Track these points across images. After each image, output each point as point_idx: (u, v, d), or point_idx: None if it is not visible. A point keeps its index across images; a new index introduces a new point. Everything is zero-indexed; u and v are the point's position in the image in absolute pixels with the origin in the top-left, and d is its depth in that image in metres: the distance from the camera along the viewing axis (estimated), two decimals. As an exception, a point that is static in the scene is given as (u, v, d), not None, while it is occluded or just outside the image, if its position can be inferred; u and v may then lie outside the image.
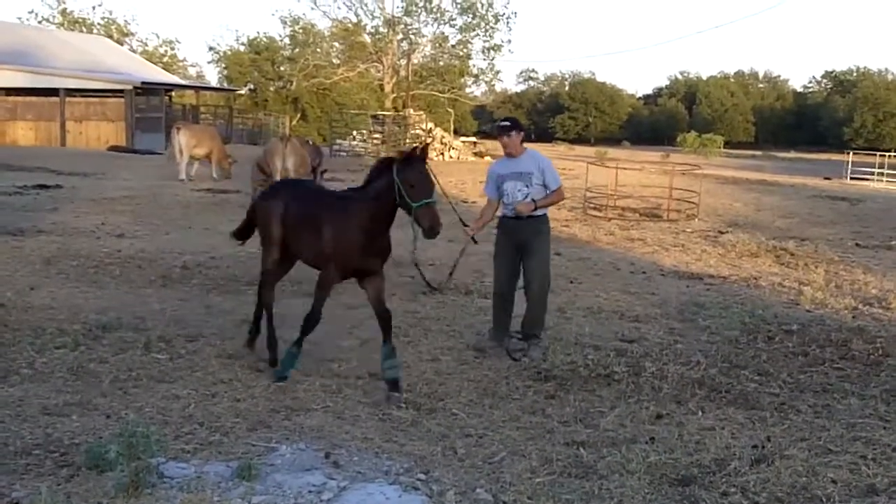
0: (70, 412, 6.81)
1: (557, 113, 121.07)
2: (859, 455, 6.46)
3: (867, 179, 46.97)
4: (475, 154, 53.23)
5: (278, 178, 21.37)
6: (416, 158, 7.36)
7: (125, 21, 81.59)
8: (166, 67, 69.68)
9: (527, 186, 9.13)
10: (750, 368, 8.81)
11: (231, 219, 19.83)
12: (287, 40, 75.20)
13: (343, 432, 6.57)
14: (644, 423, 7.08)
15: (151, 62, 65.39)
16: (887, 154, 55.94)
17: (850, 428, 7.16)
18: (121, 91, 45.62)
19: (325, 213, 7.79)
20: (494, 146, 64.21)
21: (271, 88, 75.66)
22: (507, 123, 9.41)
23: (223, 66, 78.22)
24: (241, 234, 9.33)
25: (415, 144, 8.56)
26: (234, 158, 28.67)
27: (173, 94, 56.18)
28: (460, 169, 41.60)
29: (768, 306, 11.92)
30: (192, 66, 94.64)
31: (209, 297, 11.11)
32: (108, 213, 19.40)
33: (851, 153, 56.53)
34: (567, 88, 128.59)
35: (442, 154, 49.19)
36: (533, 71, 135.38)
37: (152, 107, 47.95)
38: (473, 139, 64.45)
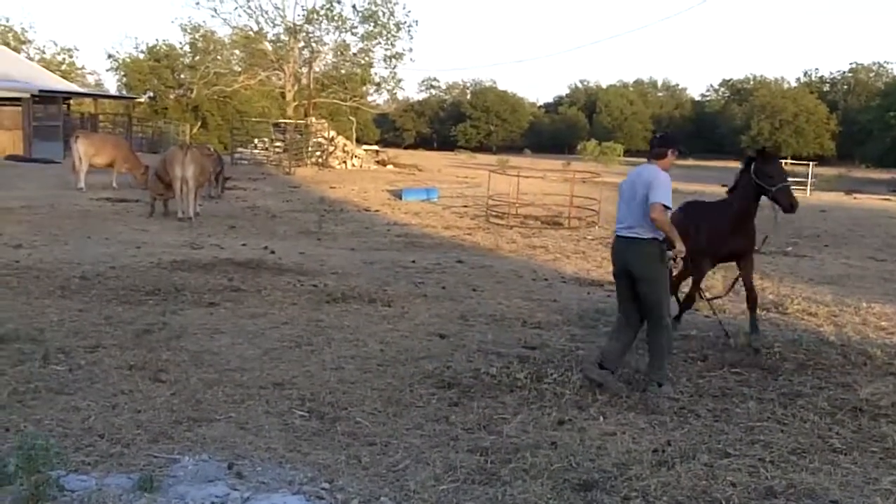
0: (-34, 426, 6.63)
1: (459, 121, 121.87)
2: (758, 458, 6.57)
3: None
4: (377, 162, 53.22)
5: (177, 186, 21.21)
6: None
7: (22, 28, 79.83)
8: (64, 75, 68.18)
9: None
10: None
11: (133, 228, 19.64)
12: (187, 48, 74.23)
13: (246, 443, 6.50)
14: (547, 429, 7.11)
15: (49, 70, 63.79)
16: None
17: (748, 431, 7.27)
18: (18, 99, 44.41)
19: None
20: (396, 154, 64.47)
21: (171, 96, 74.59)
22: None
23: (122, 73, 76.81)
24: None
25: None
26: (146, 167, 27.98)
27: (72, 102, 55.02)
28: (363, 177, 41.54)
29: (667, 312, 12.06)
30: (90, 73, 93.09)
31: (109, 307, 10.91)
32: (5, 223, 19.03)
33: (748, 161, 57.76)
34: (469, 97, 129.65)
35: (344, 163, 49.02)
36: (435, 79, 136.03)
37: (50, 115, 46.76)
38: (376, 147, 64.37)
